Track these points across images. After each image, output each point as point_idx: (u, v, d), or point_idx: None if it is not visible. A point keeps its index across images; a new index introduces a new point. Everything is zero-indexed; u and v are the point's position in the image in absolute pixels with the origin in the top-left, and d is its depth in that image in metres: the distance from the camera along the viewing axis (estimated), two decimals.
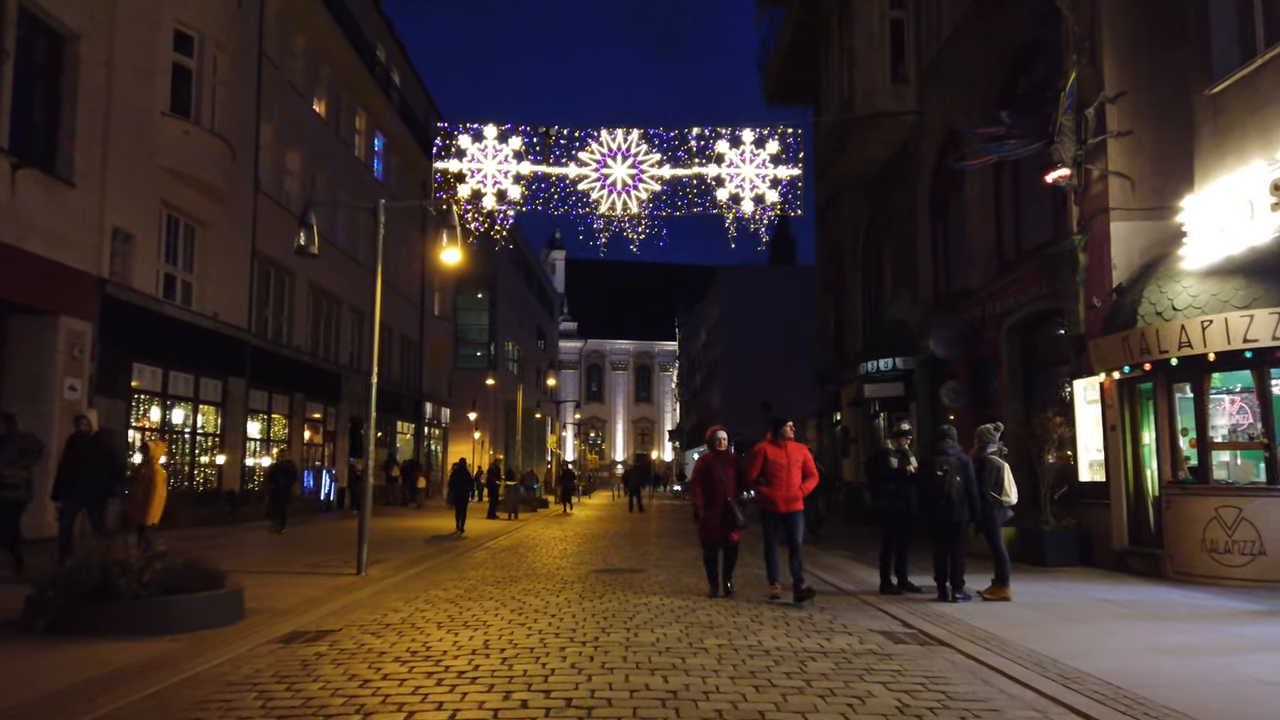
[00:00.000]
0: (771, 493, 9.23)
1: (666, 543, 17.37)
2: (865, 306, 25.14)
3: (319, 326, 28.87)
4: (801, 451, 9.49)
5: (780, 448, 9.35)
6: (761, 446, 9.45)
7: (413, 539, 18.54)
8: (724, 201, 14.04)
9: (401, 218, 37.53)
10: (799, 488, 9.32)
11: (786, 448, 9.37)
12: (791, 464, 9.29)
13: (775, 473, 9.21)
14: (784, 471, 9.22)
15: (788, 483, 9.21)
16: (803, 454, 9.47)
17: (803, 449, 9.56)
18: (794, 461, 9.32)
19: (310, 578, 11.32)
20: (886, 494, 10.18)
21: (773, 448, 9.36)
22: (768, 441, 9.46)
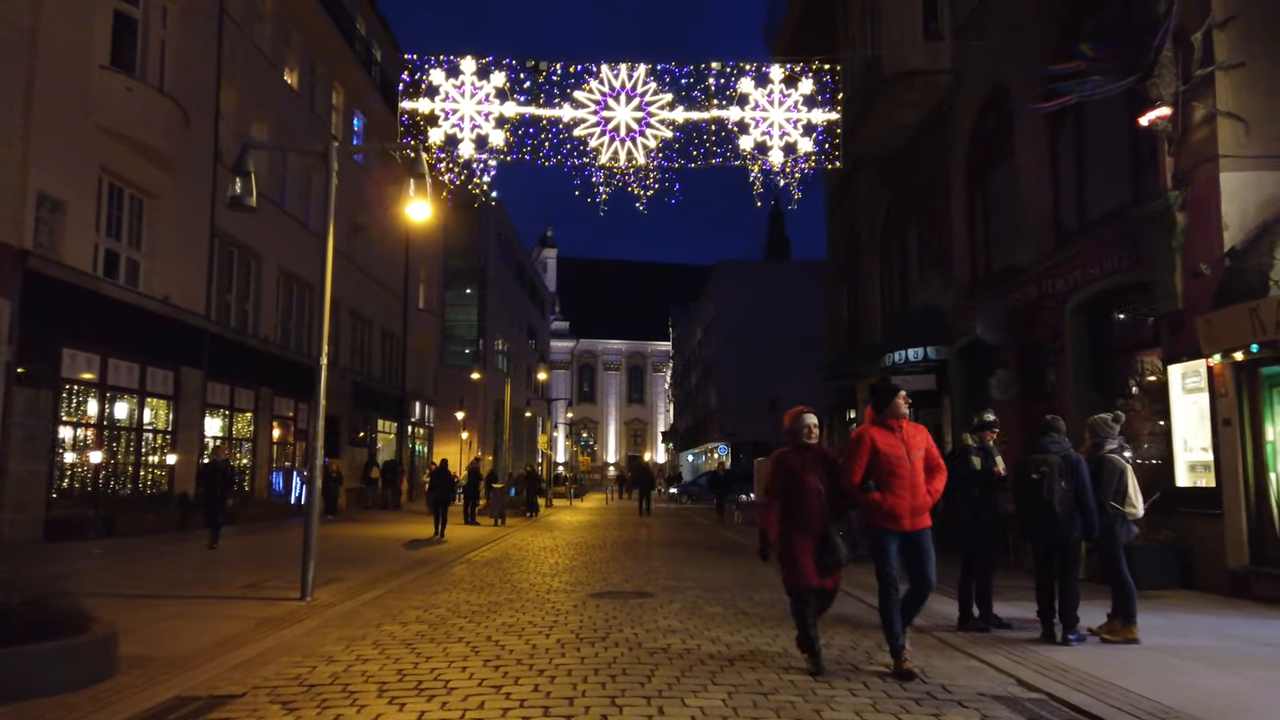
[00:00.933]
0: (889, 502, 6.09)
1: (673, 556, 15.20)
2: (885, 293, 23.01)
3: (290, 316, 26.61)
4: (923, 435, 6.41)
5: (893, 431, 6.24)
6: (865, 432, 6.31)
7: (384, 548, 16.34)
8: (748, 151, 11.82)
9: (383, 203, 35.28)
10: (926, 491, 6.22)
11: (902, 431, 6.27)
12: (912, 454, 6.19)
13: (892, 470, 6.09)
14: (904, 467, 6.11)
15: (911, 484, 6.12)
16: (924, 438, 6.40)
17: (923, 431, 6.46)
18: (915, 451, 6.23)
19: (240, 605, 9.11)
20: (968, 503, 8.02)
21: (882, 432, 6.23)
22: (871, 423, 6.39)
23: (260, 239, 23.99)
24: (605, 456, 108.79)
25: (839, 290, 27.60)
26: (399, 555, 15.00)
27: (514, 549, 16.61)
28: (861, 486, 6.17)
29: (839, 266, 27.60)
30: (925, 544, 6.16)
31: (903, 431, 6.28)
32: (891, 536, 6.14)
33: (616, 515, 31.61)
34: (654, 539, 19.30)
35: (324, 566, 12.38)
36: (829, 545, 6.08)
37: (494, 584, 11.07)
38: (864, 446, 6.23)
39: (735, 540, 18.88)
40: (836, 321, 27.79)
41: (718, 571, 12.62)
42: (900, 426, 6.30)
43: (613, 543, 18.14)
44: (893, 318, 21.98)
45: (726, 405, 57.30)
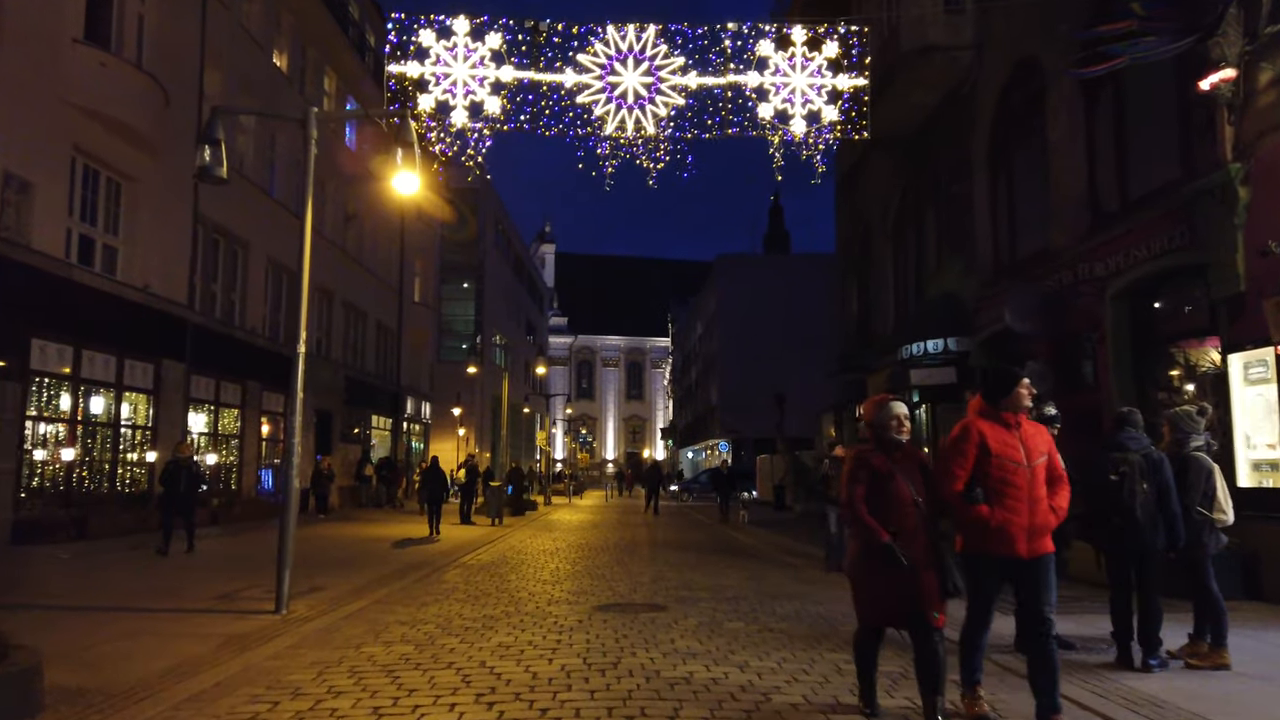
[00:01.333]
0: (999, 518, 4.78)
1: (680, 560, 14.26)
2: (899, 283, 22.08)
3: (280, 308, 25.64)
4: (1045, 438, 5.11)
5: (1010, 429, 4.97)
6: (973, 425, 4.99)
7: (374, 551, 15.42)
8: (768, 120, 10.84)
9: (377, 193, 34.29)
10: (1048, 508, 4.90)
11: (1021, 430, 4.99)
12: (1033, 460, 4.90)
13: (1006, 478, 4.81)
14: (1021, 475, 4.83)
15: (1031, 498, 4.82)
16: (1047, 442, 5.11)
17: (1044, 432, 5.19)
18: (1036, 456, 4.93)
19: (206, 620, 8.17)
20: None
21: (995, 428, 4.94)
22: (979, 413, 5.09)
23: (247, 226, 23.02)
24: (604, 453, 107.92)
25: (848, 281, 26.67)
26: (389, 559, 14.07)
27: (512, 551, 15.68)
28: (965, 496, 4.83)
29: (848, 257, 26.67)
30: (1044, 574, 4.89)
31: (1021, 430, 4.99)
32: (999, 564, 4.83)
33: (617, 514, 30.69)
34: (658, 540, 18.38)
35: (306, 573, 11.49)
36: (943, 569, 4.75)
37: (490, 593, 10.14)
38: (971, 444, 4.86)
39: (744, 543, 17.96)
40: (845, 314, 26.86)
41: (730, 578, 11.69)
42: (1019, 423, 5.00)
43: (615, 544, 17.22)
44: (909, 308, 21.05)
45: (728, 401, 56.36)
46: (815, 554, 14.75)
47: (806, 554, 15.07)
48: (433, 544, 16.98)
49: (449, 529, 21.00)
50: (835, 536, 12.01)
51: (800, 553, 15.33)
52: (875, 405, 5.13)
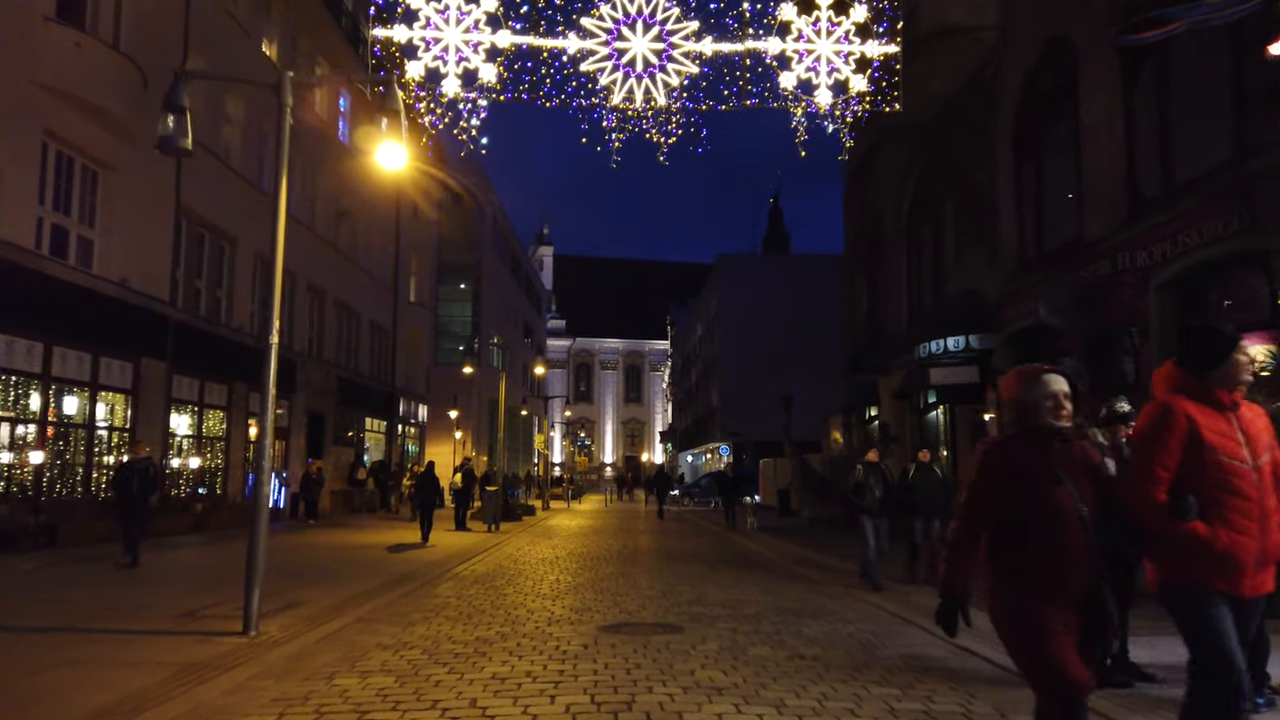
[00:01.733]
0: (1225, 539, 3.47)
1: (690, 571, 13.34)
2: (913, 279, 21.19)
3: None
4: (1266, 426, 3.71)
5: (1224, 412, 3.63)
6: (1174, 406, 3.61)
7: (363, 560, 14.49)
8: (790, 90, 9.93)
9: (372, 189, 33.40)
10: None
11: (1236, 413, 3.66)
12: (1257, 456, 3.58)
13: (1226, 480, 3.51)
14: (1246, 478, 3.53)
15: (1262, 511, 3.52)
16: (1269, 431, 3.69)
17: (1264, 418, 3.76)
18: (1260, 450, 3.60)
19: (163, 643, 7.25)
20: None
21: (1205, 410, 3.60)
22: (1177, 388, 3.72)
23: (234, 221, 22.11)
24: (602, 457, 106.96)
25: (857, 280, 25.78)
26: (377, 569, 13.14)
27: (509, 561, 14.75)
28: (1175, 508, 3.44)
29: (857, 254, 25.78)
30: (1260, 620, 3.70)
31: (1240, 416, 3.61)
32: (1221, 602, 3.46)
33: (617, 519, 29.78)
34: (663, 549, 17.46)
35: (286, 586, 10.59)
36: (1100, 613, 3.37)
37: (484, 610, 9.21)
38: (1175, 432, 3.49)
39: (754, 551, 17.04)
40: (855, 313, 25.97)
41: (745, 592, 10.78)
42: (1236, 404, 3.62)
43: (619, 553, 16.30)
44: (924, 305, 20.17)
45: (729, 404, 55.43)
46: (835, 566, 13.84)
47: (823, 565, 14.16)
48: (425, 551, 16.06)
49: (444, 536, 20.08)
50: (873, 550, 11.02)
51: (816, 563, 14.42)
52: (1023, 380, 3.60)
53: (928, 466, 11.68)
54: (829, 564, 14.17)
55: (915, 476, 11.51)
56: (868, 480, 11.28)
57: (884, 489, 11.27)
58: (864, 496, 11.27)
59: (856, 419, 25.24)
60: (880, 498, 11.18)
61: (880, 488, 11.22)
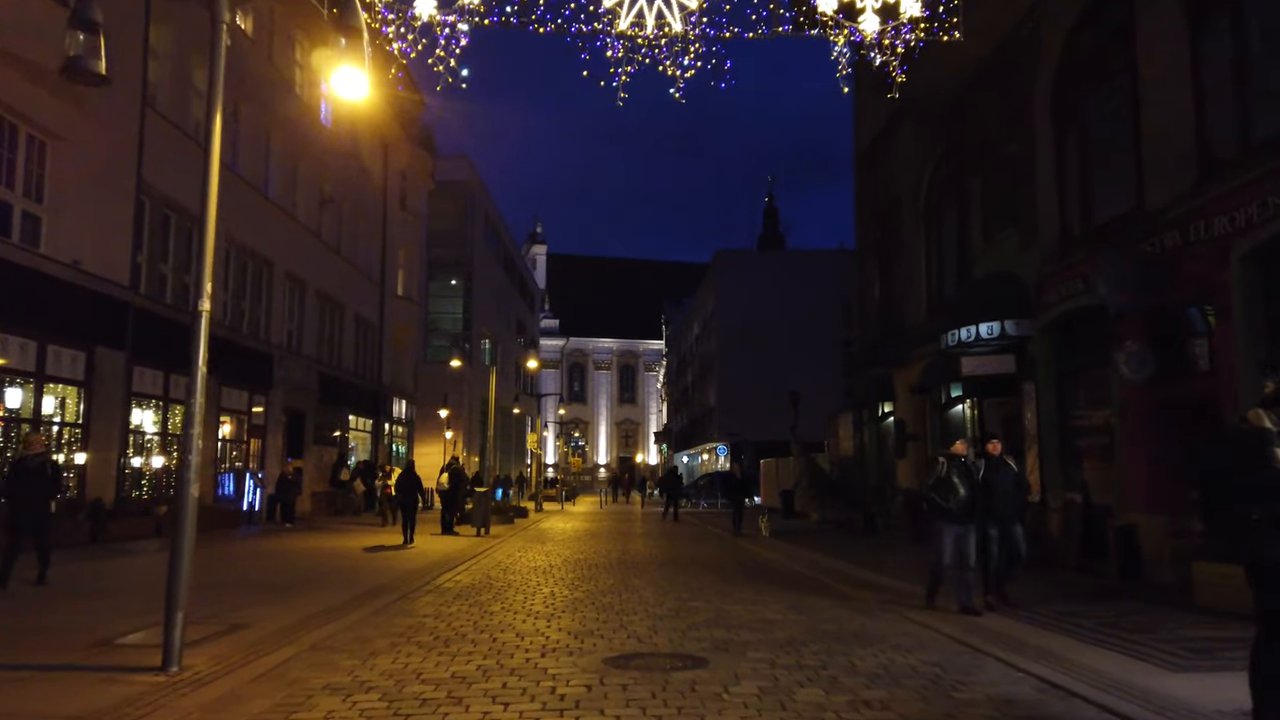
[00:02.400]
0: None
1: (702, 584, 11.86)
2: (933, 265, 19.76)
3: (244, 294, 23.20)
4: None
5: None
6: None
7: (335, 568, 13.01)
8: (830, 15, 8.46)
9: (356, 176, 31.90)
10: None
11: None
12: None
13: None
14: None
15: None
16: None
17: None
18: None
19: (61, 682, 5.75)
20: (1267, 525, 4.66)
21: None
22: None
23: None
24: (596, 458, 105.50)
25: (869, 268, 24.34)
26: (349, 579, 11.65)
27: (497, 570, 13.27)
28: None
29: (869, 242, 24.35)
30: None
31: None
32: None
33: (614, 522, 28.30)
34: (669, 556, 15.98)
35: (239, 601, 9.13)
36: None
37: (465, 634, 7.73)
38: None
39: (771, 560, 15.56)
40: (867, 304, 24.53)
41: (771, 609, 9.31)
42: None
43: (620, 560, 14.82)
44: (947, 292, 18.73)
45: (726, 403, 53.99)
46: (864, 577, 12.38)
47: (850, 576, 12.70)
48: (406, 558, 14.57)
49: (429, 541, 18.59)
50: (947, 559, 9.12)
51: (842, 574, 12.95)
52: None
53: (1000, 461, 9.59)
54: (856, 574, 12.72)
55: (987, 474, 9.41)
56: (951, 477, 9.15)
57: (970, 489, 9.12)
58: (949, 497, 9.08)
59: (868, 416, 23.81)
60: (966, 499, 9.07)
61: (966, 486, 9.11)
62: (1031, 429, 14.24)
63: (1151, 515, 11.21)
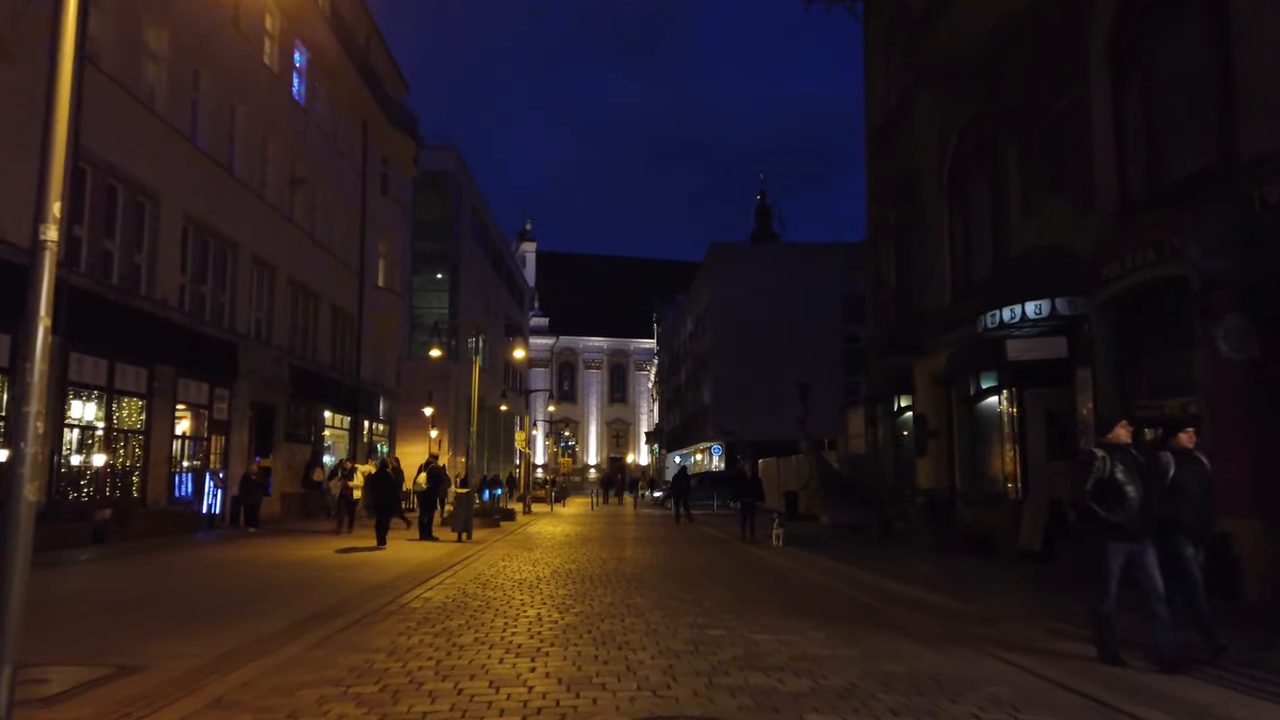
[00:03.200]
0: None
1: (719, 602, 10.05)
2: (960, 244, 18.02)
3: (204, 277, 21.29)
4: None
5: None
6: None
7: (290, 581, 11.18)
8: None
9: (332, 157, 29.99)
10: None
11: None
12: None
13: None
14: None
15: None
16: None
17: None
18: None
19: None
20: None
21: None
22: None
23: (159, 175, 18.70)
24: (586, 458, 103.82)
25: (883, 254, 22.59)
26: (299, 596, 9.81)
27: (476, 584, 11.44)
28: None
29: (883, 226, 22.58)
30: None
31: None
32: None
33: (607, 525, 26.47)
34: (673, 566, 14.17)
35: (143, 630, 7.34)
36: None
37: (422, 681, 5.90)
38: None
39: (792, 571, 13.75)
40: (881, 292, 22.77)
41: (812, 640, 7.48)
42: None
43: (617, 572, 13.01)
44: (981, 272, 16.98)
45: (721, 401, 52.25)
46: (906, 594, 10.60)
47: (888, 592, 10.92)
48: (374, 569, 12.72)
49: (404, 547, 16.78)
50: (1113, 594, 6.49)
51: (878, 589, 11.16)
52: None
53: (1192, 457, 7.04)
54: (893, 589, 10.94)
55: (1178, 474, 6.85)
56: (1115, 475, 6.48)
57: (1143, 489, 6.53)
58: (1117, 505, 6.45)
59: (883, 411, 22.04)
60: (1139, 505, 6.46)
61: (1138, 487, 6.50)
62: (1088, 422, 12.47)
63: (1248, 520, 9.47)
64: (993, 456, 16.46)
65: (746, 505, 19.98)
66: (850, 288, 51.94)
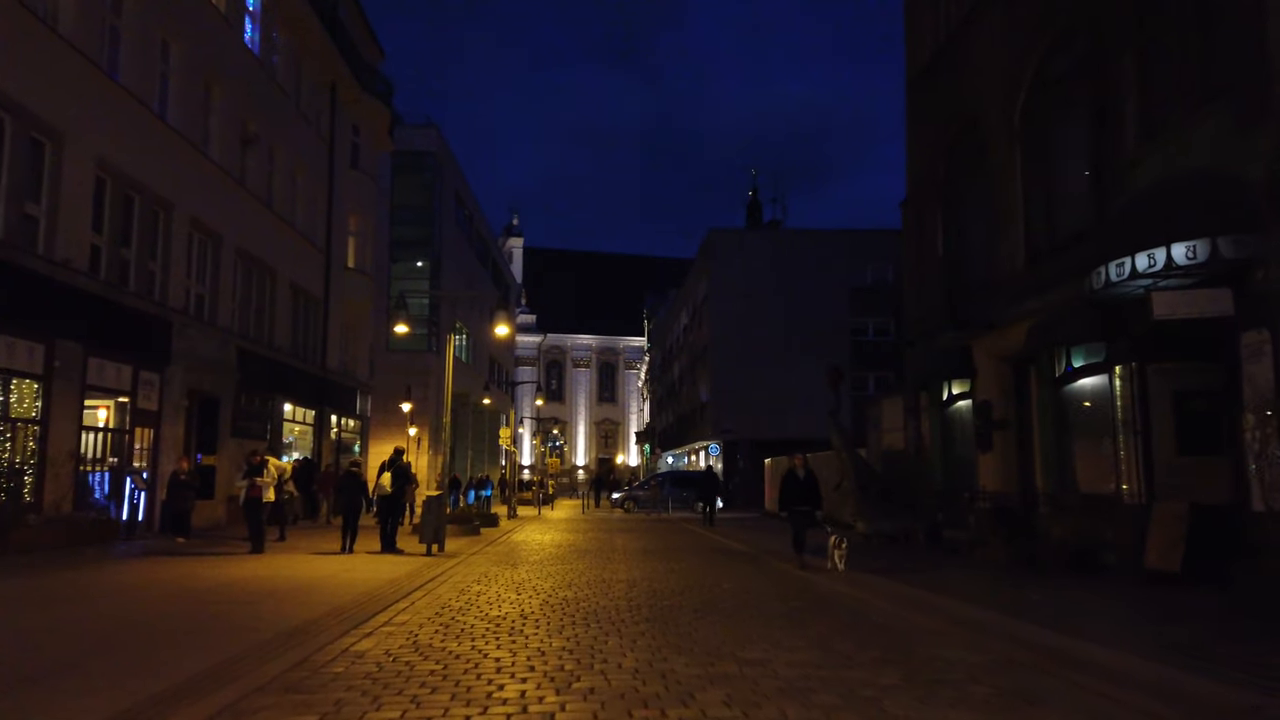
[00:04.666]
0: None
1: (812, 664, 6.78)
2: (1037, 193, 14.82)
3: (127, 239, 17.90)
4: None
5: None
6: None
7: (174, 618, 7.82)
8: None
9: (289, 117, 26.58)
10: None
11: None
12: None
13: None
14: None
15: None
16: None
17: None
18: None
19: None
20: None
21: None
22: None
23: (58, 109, 15.31)
24: (574, 459, 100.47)
25: (927, 216, 19.38)
26: (171, 647, 6.48)
27: (435, 625, 8.13)
28: None
29: (929, 184, 19.38)
30: None
31: None
32: None
33: (602, 533, 23.13)
34: (710, 600, 10.88)
35: None
36: None
37: None
38: None
39: (868, 606, 10.47)
40: (924, 262, 19.54)
41: None
42: None
43: (630, 605, 9.72)
44: (1067, 223, 13.75)
45: (721, 397, 48.90)
46: (1102, 661, 7.34)
47: (1037, 644, 7.68)
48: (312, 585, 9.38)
49: (359, 561, 13.50)
50: None
51: (1028, 642, 7.89)
52: None
53: None
54: (1065, 647, 7.69)
55: None
56: None
57: None
58: None
59: (930, 401, 18.79)
60: None
61: None
62: (1264, 403, 9.25)
63: None
64: (1093, 451, 13.25)
65: (799, 517, 14.03)
66: (858, 277, 48.78)
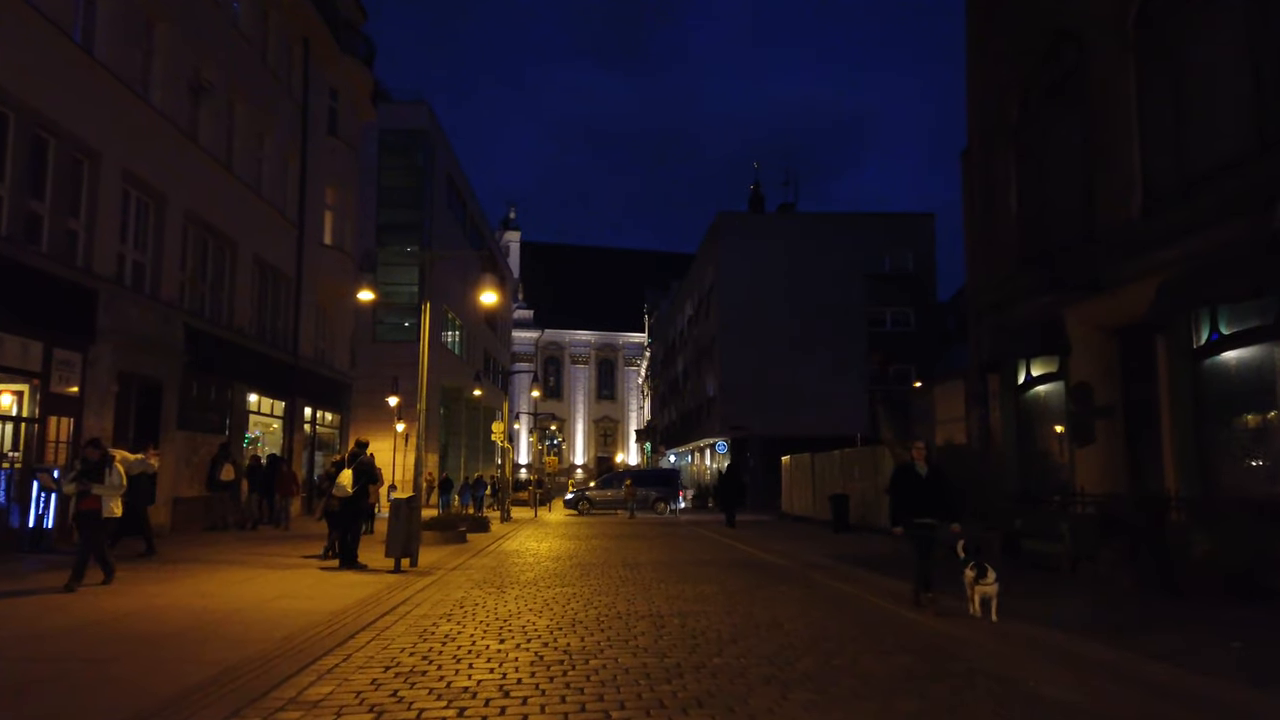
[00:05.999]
0: None
1: None
2: (1161, 120, 11.77)
3: (38, 190, 14.82)
4: None
5: None
6: None
7: (48, 666, 4.76)
8: None
9: (254, 69, 23.51)
10: None
11: None
12: None
13: None
14: None
15: None
16: None
17: None
18: None
19: None
20: None
21: None
22: None
23: None
24: (573, 458, 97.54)
25: (997, 164, 16.34)
26: None
27: (380, 691, 5.06)
28: None
29: (998, 128, 16.34)
30: None
31: None
32: None
33: (607, 540, 20.08)
34: (782, 652, 7.86)
35: None
36: None
37: None
38: None
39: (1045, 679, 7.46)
40: (994, 215, 16.48)
41: None
42: None
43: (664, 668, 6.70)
44: (1220, 149, 10.71)
45: (729, 391, 45.83)
46: None
47: None
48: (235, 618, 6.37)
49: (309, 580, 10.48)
50: None
51: None
52: None
53: None
54: None
55: None
56: None
57: None
58: None
59: (1002, 384, 15.73)
60: None
61: None
62: None
63: None
64: (1252, 443, 10.24)
65: (924, 537, 9.68)
66: (876, 264, 45.79)
